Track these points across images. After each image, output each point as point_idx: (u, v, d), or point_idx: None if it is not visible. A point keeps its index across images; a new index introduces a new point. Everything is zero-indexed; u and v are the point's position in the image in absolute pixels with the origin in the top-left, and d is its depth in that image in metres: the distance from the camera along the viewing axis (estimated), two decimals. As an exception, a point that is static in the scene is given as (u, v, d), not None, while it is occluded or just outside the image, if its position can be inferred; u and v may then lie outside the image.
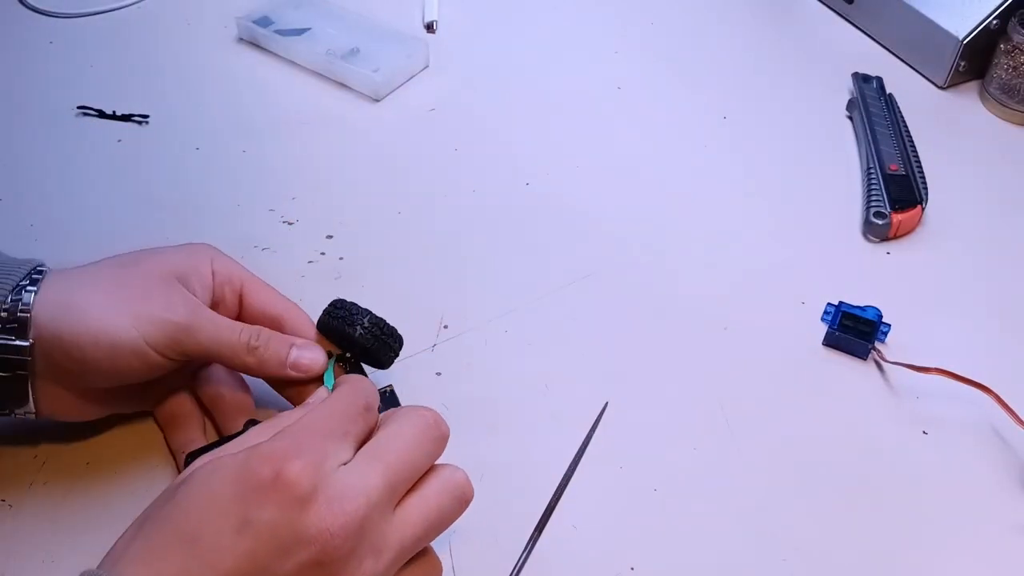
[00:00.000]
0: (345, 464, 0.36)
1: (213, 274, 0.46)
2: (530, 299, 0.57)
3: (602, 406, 0.51)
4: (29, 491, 0.46)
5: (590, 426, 0.50)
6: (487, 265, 0.60)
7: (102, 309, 0.42)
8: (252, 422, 0.46)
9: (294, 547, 0.34)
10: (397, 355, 0.48)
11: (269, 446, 0.35)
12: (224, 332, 0.44)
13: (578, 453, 0.49)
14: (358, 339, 0.46)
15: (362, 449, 0.38)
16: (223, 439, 0.46)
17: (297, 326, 0.47)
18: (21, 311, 0.41)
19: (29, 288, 0.42)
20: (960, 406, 0.52)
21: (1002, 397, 0.50)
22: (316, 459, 0.35)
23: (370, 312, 0.47)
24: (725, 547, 0.46)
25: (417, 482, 0.38)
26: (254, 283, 0.48)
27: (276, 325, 0.46)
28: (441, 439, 0.39)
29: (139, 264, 0.44)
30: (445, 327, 0.55)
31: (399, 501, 0.37)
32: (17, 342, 0.41)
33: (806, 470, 0.49)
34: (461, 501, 0.39)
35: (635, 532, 0.46)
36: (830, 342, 0.55)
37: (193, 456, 0.44)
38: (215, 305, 0.46)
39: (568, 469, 0.48)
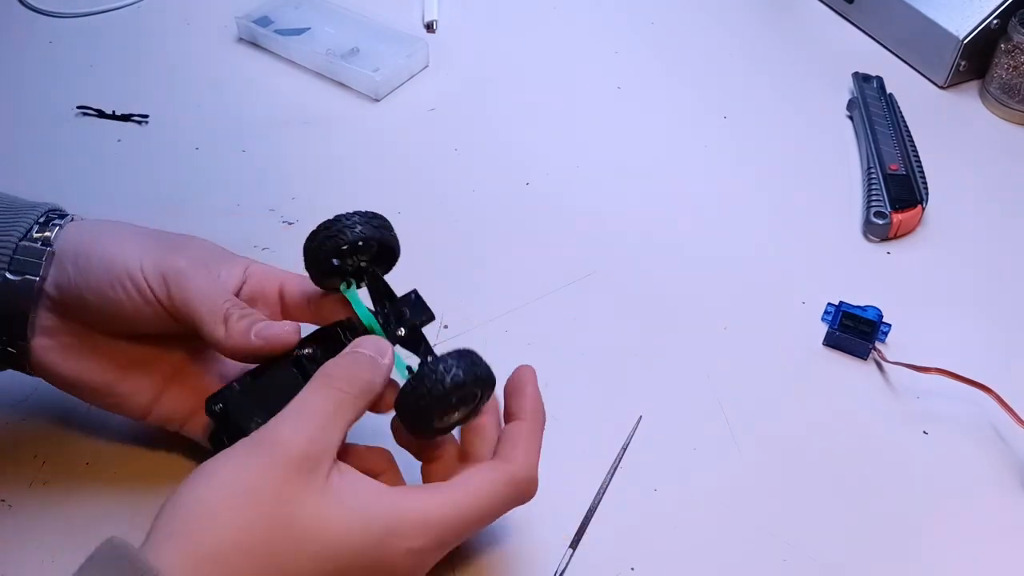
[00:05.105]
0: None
1: (247, 271, 0.45)
2: (530, 299, 0.57)
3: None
4: (29, 491, 0.46)
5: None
6: (487, 265, 0.60)
7: (123, 236, 0.43)
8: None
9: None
10: (393, 233, 0.44)
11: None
12: (212, 294, 0.42)
13: (614, 466, 0.49)
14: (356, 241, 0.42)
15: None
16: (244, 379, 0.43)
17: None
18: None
19: (56, 223, 0.44)
20: (960, 406, 0.52)
21: (1002, 397, 0.50)
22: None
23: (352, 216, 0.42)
24: (725, 547, 0.46)
25: None
26: (293, 279, 0.46)
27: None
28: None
29: (181, 236, 0.45)
30: (445, 327, 0.55)
31: None
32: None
33: (806, 470, 0.49)
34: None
35: (635, 532, 0.46)
36: (830, 342, 0.55)
37: (212, 400, 0.42)
38: (251, 301, 0.44)
39: (606, 479, 0.48)
